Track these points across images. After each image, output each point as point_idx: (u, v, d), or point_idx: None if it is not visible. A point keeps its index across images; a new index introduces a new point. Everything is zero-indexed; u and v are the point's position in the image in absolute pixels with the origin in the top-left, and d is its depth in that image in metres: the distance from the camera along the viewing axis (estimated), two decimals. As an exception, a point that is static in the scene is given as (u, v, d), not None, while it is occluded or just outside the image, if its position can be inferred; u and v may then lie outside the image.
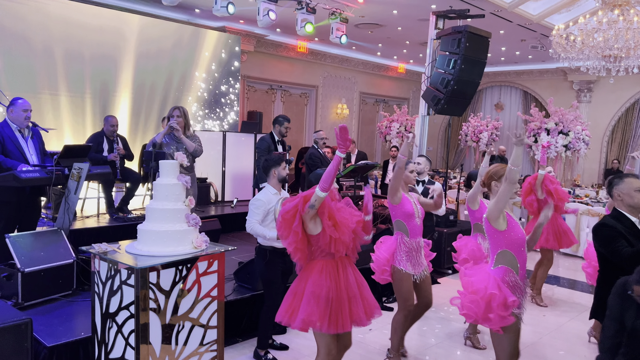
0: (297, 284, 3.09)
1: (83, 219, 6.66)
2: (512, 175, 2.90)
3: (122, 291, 3.09)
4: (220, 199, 8.63)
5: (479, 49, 7.37)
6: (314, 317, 2.93)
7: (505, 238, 3.01)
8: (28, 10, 7.74)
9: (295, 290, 3.06)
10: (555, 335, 5.12)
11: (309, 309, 2.93)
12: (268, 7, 7.50)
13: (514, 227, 3.02)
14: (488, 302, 2.96)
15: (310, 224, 2.95)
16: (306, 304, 2.95)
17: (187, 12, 9.85)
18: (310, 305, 2.94)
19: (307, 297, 2.96)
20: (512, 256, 3.02)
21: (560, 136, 10.17)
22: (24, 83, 7.72)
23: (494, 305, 2.95)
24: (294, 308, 2.99)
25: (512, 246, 3.01)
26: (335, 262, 3.06)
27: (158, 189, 3.28)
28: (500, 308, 2.93)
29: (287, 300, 3.07)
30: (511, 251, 3.02)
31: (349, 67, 14.44)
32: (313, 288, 2.96)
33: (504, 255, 3.04)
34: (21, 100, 4.74)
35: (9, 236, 4.25)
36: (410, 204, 3.95)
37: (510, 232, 3.01)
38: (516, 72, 15.24)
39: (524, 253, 3.07)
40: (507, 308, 2.94)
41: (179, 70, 9.71)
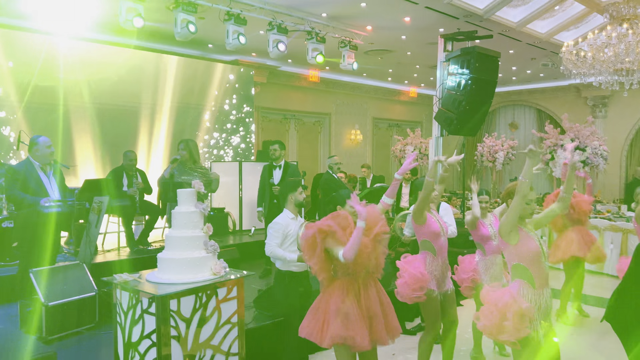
0: (319, 300, 3.12)
1: (104, 253, 6.75)
2: (523, 188, 2.91)
3: (143, 320, 3.11)
4: (238, 227, 8.68)
5: (489, 68, 7.43)
6: (343, 333, 2.95)
7: (517, 252, 3.01)
8: (49, 51, 8.05)
9: (318, 306, 3.09)
10: (589, 355, 4.97)
11: (338, 324, 2.95)
12: (278, 38, 7.68)
13: (526, 240, 3.01)
14: (503, 312, 2.93)
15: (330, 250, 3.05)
16: (334, 320, 2.97)
17: (201, 48, 10.12)
18: (339, 320, 2.96)
19: (332, 314, 2.98)
20: (526, 269, 3.00)
21: (577, 152, 10.07)
22: (44, 122, 7.96)
23: (508, 315, 2.91)
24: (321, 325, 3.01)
25: (524, 259, 3.00)
26: (357, 280, 3.09)
27: (176, 217, 3.34)
28: (515, 318, 2.88)
29: (310, 314, 3.10)
30: (524, 264, 3.00)
31: (361, 94, 14.59)
32: (338, 305, 2.99)
33: (518, 268, 3.03)
34: (43, 138, 4.88)
35: (33, 271, 4.33)
36: (435, 222, 3.95)
37: (522, 245, 3.00)
38: (529, 90, 15.23)
39: (540, 267, 3.01)
40: (523, 318, 2.89)
41: (194, 103, 9.93)
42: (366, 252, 3.03)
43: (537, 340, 2.98)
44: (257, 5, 7.33)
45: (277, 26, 7.58)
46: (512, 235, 2.98)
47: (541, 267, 3.01)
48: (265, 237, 4.21)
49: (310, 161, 13.24)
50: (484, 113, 7.67)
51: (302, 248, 3.12)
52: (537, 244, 3.03)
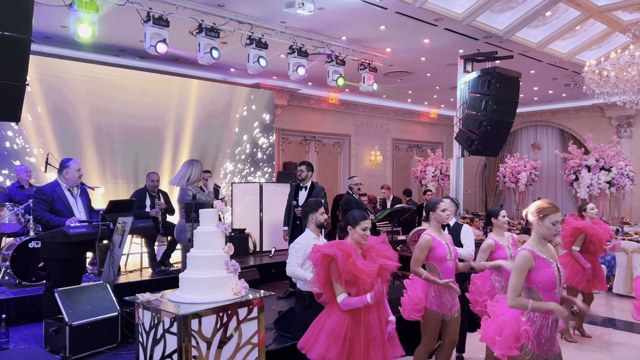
0: (319, 317, 3.28)
1: (127, 274, 6.83)
2: (524, 303, 2.92)
3: (165, 340, 3.13)
4: (258, 249, 8.70)
5: (510, 89, 7.41)
6: (330, 354, 3.06)
7: (530, 278, 2.97)
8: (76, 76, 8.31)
9: (317, 322, 3.25)
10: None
11: (327, 344, 3.07)
12: (298, 62, 7.80)
13: (543, 269, 2.95)
14: (500, 326, 2.97)
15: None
16: (325, 338, 3.09)
17: (223, 72, 10.34)
18: (329, 341, 3.08)
19: (326, 332, 3.11)
20: (538, 295, 2.97)
21: (602, 172, 9.90)
22: (71, 146, 8.18)
23: (504, 332, 2.93)
24: (314, 339, 3.15)
25: (536, 286, 2.96)
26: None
27: (198, 237, 3.38)
28: (510, 337, 2.91)
29: (310, 329, 3.26)
30: (537, 290, 2.97)
31: (381, 115, 14.65)
32: (334, 326, 3.12)
33: (530, 291, 3.01)
34: (74, 161, 5.00)
35: (58, 290, 4.40)
36: (442, 247, 3.95)
37: (537, 274, 2.96)
38: (551, 111, 15.08)
39: (554, 295, 2.97)
40: (518, 339, 2.91)
41: (216, 126, 10.10)
42: (369, 281, 3.15)
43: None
44: (278, 29, 7.48)
45: (297, 50, 7.71)
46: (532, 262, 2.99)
47: (553, 295, 2.97)
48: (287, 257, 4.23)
49: (330, 182, 13.27)
50: (506, 133, 7.62)
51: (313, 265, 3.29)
52: (554, 273, 2.97)
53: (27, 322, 5.41)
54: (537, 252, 2.97)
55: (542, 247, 3.01)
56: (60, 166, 4.96)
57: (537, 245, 3.01)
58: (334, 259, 3.12)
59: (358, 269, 3.11)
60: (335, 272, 3.14)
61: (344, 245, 3.21)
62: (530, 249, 2.97)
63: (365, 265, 3.18)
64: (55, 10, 6.12)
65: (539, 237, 3.03)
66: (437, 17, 7.15)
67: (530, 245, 3.01)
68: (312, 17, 6.84)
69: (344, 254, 3.12)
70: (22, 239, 5.90)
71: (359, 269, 3.11)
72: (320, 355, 3.08)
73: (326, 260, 3.15)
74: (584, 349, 5.66)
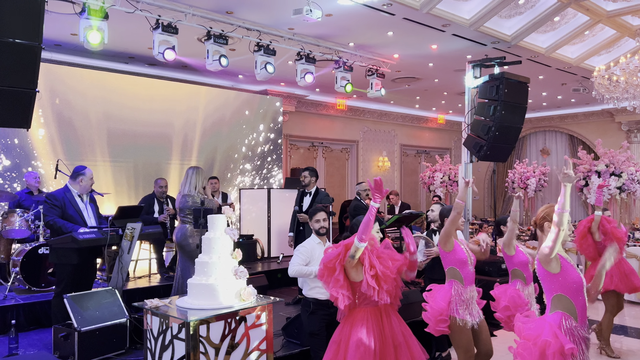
0: (340, 332, 3.10)
1: (135, 280, 6.85)
2: (562, 220, 2.80)
3: (173, 346, 3.13)
4: (266, 255, 8.70)
5: (519, 94, 7.36)
6: None
7: (559, 281, 2.86)
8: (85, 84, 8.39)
9: (339, 339, 3.06)
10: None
11: (358, 357, 2.91)
12: (306, 68, 7.81)
13: (569, 270, 2.87)
14: (542, 349, 2.77)
15: (352, 272, 3.03)
16: (354, 353, 2.93)
17: (231, 79, 10.39)
18: (359, 353, 2.92)
19: (352, 347, 2.95)
20: (569, 301, 2.86)
21: (612, 178, 9.80)
22: (82, 151, 8.24)
23: (548, 354, 2.75)
24: (342, 356, 2.98)
25: (567, 290, 2.85)
26: (379, 309, 3.08)
27: (206, 243, 3.38)
28: (556, 357, 2.73)
29: (332, 349, 3.07)
30: (567, 295, 2.86)
31: (388, 121, 14.64)
32: (360, 336, 2.96)
33: (560, 299, 2.87)
34: (88, 169, 5.03)
35: (67, 296, 4.41)
36: (462, 251, 3.87)
37: (565, 274, 2.86)
38: (560, 116, 14.99)
39: (583, 298, 2.88)
40: (564, 357, 2.74)
41: (224, 132, 10.14)
42: (392, 277, 3.06)
43: None
44: (286, 36, 7.51)
45: (305, 56, 7.73)
46: (554, 263, 2.86)
47: (583, 299, 2.87)
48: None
49: (338, 188, 13.26)
50: (515, 139, 7.57)
51: (319, 274, 3.12)
52: (579, 274, 2.91)
53: (37, 327, 5.44)
54: (560, 253, 2.90)
55: (562, 250, 2.94)
56: (75, 173, 4.98)
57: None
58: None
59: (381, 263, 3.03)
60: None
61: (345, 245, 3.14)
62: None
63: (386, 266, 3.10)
64: (66, 18, 6.18)
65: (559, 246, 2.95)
66: (445, 22, 7.14)
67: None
68: (319, 24, 6.86)
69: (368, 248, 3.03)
70: (32, 245, 5.93)
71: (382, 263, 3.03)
72: None
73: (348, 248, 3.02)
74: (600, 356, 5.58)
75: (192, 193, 5.36)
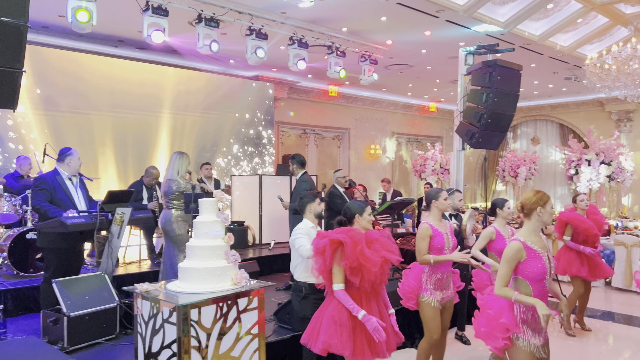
0: (321, 308, 3.27)
1: (125, 265, 6.80)
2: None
3: (164, 330, 3.10)
4: (257, 241, 8.67)
5: (511, 81, 7.33)
6: (333, 341, 3.05)
7: (521, 267, 2.96)
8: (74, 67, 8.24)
9: (319, 314, 3.24)
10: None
11: (329, 332, 3.06)
12: (299, 53, 7.74)
13: (533, 260, 2.95)
14: (489, 319, 3.01)
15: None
16: (327, 327, 3.08)
17: (222, 64, 10.26)
18: (331, 328, 3.07)
19: (327, 320, 3.11)
20: (527, 286, 2.97)
21: (602, 166, 9.87)
22: (67, 137, 8.12)
23: (493, 324, 2.97)
24: (316, 331, 3.14)
25: (526, 276, 2.96)
26: (359, 292, 3.18)
27: (198, 227, 3.34)
28: (499, 328, 2.94)
29: (311, 323, 3.25)
30: (526, 281, 2.97)
31: (380, 109, 14.59)
32: (333, 313, 3.12)
33: (520, 282, 2.99)
34: (75, 150, 4.95)
35: (56, 281, 4.36)
36: (441, 237, 3.94)
37: (527, 264, 2.95)
38: (551, 105, 15.04)
39: (543, 286, 2.98)
40: (507, 330, 2.93)
41: (215, 119, 10.04)
42: (374, 271, 3.13)
43: (529, 352, 2.92)
44: (278, 20, 7.42)
45: (297, 41, 7.65)
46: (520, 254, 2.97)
47: (543, 286, 2.97)
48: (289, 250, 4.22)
49: (329, 175, 13.21)
50: (507, 126, 7.56)
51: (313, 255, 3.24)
52: (545, 264, 2.96)
53: (25, 313, 5.38)
54: (528, 243, 2.96)
55: (534, 238, 3.00)
56: (62, 154, 4.88)
57: (529, 235, 3.00)
58: (342, 245, 3.09)
59: (365, 257, 3.08)
60: (340, 258, 3.11)
61: (354, 232, 3.19)
62: (522, 240, 2.96)
63: (372, 254, 3.16)
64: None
65: (534, 228, 3.02)
66: (439, 8, 7.09)
67: (523, 236, 3.00)
68: (312, 8, 6.78)
69: (353, 241, 3.10)
70: (20, 230, 5.85)
71: (365, 257, 3.09)
72: (325, 343, 3.06)
73: (333, 246, 3.12)
74: (583, 341, 5.65)
75: (175, 178, 5.27)
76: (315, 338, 3.14)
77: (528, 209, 3.06)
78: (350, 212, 3.41)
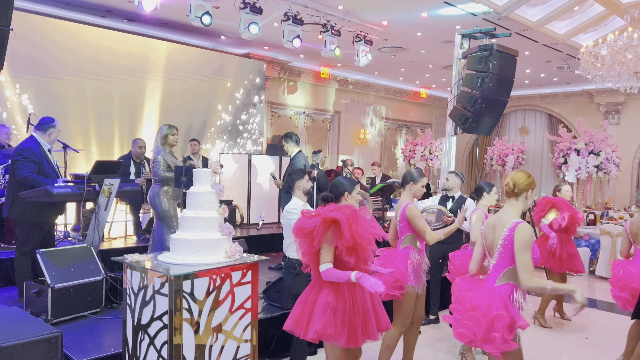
0: (308, 293, 3.01)
1: (110, 240, 6.66)
2: None
3: (154, 301, 3.00)
4: (246, 221, 8.57)
5: (507, 67, 7.29)
6: (329, 330, 2.84)
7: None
8: (63, 36, 7.99)
9: (306, 300, 2.97)
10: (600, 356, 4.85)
11: (325, 320, 2.84)
12: (293, 30, 7.58)
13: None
14: (491, 322, 2.73)
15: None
16: (321, 314, 2.85)
17: (213, 40, 10.04)
18: (326, 316, 2.85)
19: (321, 307, 2.87)
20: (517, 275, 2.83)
21: (591, 156, 9.93)
22: (53, 107, 7.88)
23: (497, 327, 2.71)
24: (307, 318, 2.89)
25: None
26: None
27: (191, 197, 3.23)
28: (505, 330, 2.70)
29: (298, 309, 2.98)
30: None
31: (371, 93, 14.49)
32: (329, 299, 2.88)
33: (513, 272, 2.82)
34: (56, 121, 4.78)
35: (40, 251, 4.22)
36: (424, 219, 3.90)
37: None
38: (540, 95, 15.08)
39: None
40: (513, 331, 2.74)
41: (204, 95, 9.85)
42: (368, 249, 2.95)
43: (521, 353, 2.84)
44: (273, -6, 7.25)
45: (292, 17, 7.49)
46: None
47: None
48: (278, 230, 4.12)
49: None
50: (500, 112, 7.53)
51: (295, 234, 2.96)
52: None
53: (5, 285, 5.24)
54: None
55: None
56: (44, 124, 4.70)
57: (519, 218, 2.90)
58: (337, 224, 2.86)
59: (360, 236, 2.87)
60: (332, 237, 2.86)
61: (349, 209, 2.97)
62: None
63: (364, 232, 2.95)
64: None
65: (520, 210, 2.92)
66: (438, -12, 6.99)
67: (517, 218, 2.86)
68: (309, -17, 6.62)
69: (348, 219, 2.88)
70: (1, 201, 5.66)
71: (360, 236, 2.88)
72: (318, 332, 2.83)
73: (326, 224, 2.87)
74: (564, 329, 5.69)
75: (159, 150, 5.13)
76: (304, 326, 2.89)
77: (520, 189, 2.94)
78: (339, 190, 3.19)
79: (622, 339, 5.26)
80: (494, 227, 2.93)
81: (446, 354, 4.75)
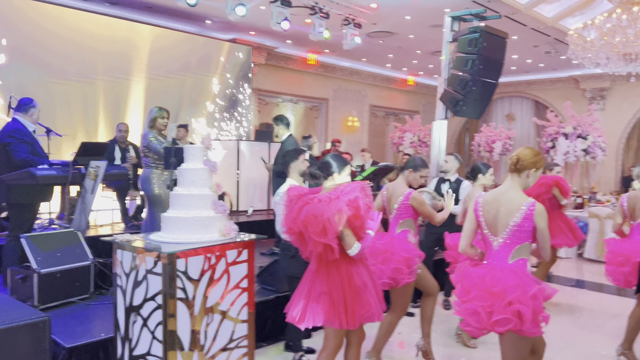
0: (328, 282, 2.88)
1: (97, 228, 6.50)
2: None
3: (147, 281, 2.89)
4: (235, 208, 8.45)
5: (497, 49, 7.26)
6: (331, 317, 2.79)
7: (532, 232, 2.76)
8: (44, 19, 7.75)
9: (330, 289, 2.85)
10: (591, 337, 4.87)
11: (363, 302, 2.84)
12: (281, 12, 7.44)
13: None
14: (534, 298, 2.62)
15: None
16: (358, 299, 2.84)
17: (198, 24, 9.84)
18: (362, 296, 2.84)
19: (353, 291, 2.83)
20: (529, 245, 2.81)
21: (579, 140, 9.98)
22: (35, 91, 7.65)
23: (539, 304, 2.63)
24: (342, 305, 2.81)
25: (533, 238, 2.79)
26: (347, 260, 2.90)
27: (183, 174, 3.12)
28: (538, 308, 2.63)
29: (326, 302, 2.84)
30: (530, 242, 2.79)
31: (359, 80, 14.39)
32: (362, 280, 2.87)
33: (525, 247, 2.77)
34: (35, 101, 4.66)
35: (24, 236, 4.08)
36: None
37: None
38: (527, 82, 15.13)
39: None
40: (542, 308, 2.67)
41: (190, 82, 9.67)
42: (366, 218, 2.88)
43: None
44: (261, -25, 7.10)
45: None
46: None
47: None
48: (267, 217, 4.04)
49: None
50: (490, 95, 7.51)
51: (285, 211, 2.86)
52: None
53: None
54: None
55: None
56: (24, 105, 4.56)
57: None
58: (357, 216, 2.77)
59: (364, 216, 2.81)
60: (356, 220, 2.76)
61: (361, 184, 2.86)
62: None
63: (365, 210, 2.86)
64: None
65: (522, 187, 2.84)
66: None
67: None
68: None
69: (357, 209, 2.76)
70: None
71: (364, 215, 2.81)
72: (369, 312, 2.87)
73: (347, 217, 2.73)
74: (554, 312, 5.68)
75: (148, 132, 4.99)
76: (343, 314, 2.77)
77: (522, 165, 2.84)
78: (330, 168, 3.01)
79: (612, 318, 5.31)
80: (497, 203, 2.81)
81: (441, 334, 4.72)
